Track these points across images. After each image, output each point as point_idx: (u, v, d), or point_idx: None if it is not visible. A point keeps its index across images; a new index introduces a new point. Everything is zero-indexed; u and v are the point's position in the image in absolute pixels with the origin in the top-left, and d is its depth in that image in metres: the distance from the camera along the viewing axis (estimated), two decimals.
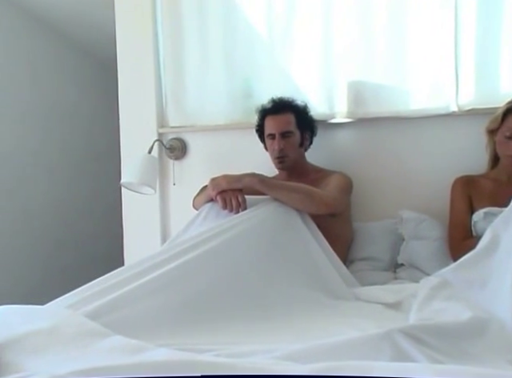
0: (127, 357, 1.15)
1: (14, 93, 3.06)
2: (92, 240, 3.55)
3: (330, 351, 1.13)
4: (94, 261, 3.52)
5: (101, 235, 3.59)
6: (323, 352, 1.13)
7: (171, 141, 2.47)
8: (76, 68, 3.48)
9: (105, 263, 3.63)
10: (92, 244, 3.54)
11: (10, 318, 1.30)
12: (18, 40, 3.07)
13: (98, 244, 3.58)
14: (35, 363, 1.12)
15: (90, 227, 3.55)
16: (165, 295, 1.44)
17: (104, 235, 3.59)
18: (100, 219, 3.61)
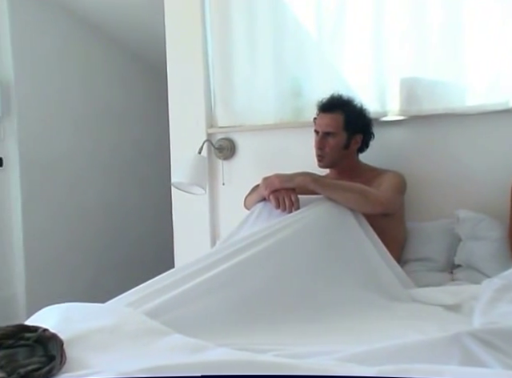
0: (188, 356, 1.16)
1: (70, 97, 3.15)
2: (142, 240, 3.61)
3: (395, 354, 1.10)
4: (143, 260, 3.58)
5: (150, 234, 3.65)
6: (388, 355, 1.10)
7: (220, 141, 2.49)
8: (126, 71, 3.55)
9: (154, 262, 3.70)
10: (142, 244, 3.60)
11: (72, 315, 1.33)
12: (71, 45, 3.16)
13: (148, 244, 3.64)
14: (99, 360, 1.14)
15: (140, 227, 3.61)
16: (221, 295, 1.45)
17: (153, 234, 3.64)
18: (150, 219, 3.67)
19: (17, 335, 1.19)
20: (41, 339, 1.15)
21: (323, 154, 2.05)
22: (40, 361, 1.03)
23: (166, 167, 3.61)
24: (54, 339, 1.15)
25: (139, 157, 3.63)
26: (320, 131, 2.04)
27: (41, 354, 1.12)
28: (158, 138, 3.77)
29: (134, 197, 3.59)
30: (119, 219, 3.48)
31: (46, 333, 1.17)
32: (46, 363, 1.02)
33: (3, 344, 1.14)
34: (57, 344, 1.14)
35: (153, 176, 3.65)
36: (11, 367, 0.99)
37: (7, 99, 2.81)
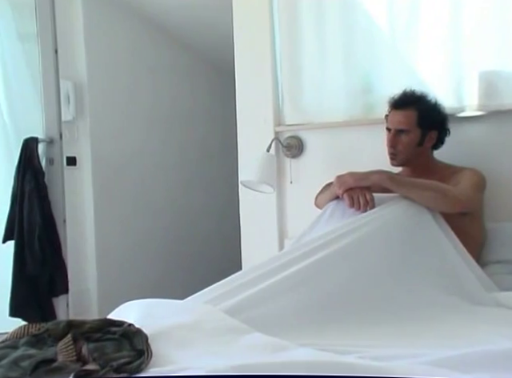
0: (270, 355, 1.15)
1: (139, 98, 3.23)
2: (208, 238, 3.66)
3: (488, 361, 1.05)
4: (209, 258, 3.62)
5: (216, 233, 3.69)
6: (480, 361, 1.05)
7: (288, 139, 2.47)
8: (192, 72, 3.60)
9: (220, 260, 3.75)
10: (207, 242, 3.65)
11: (153, 310, 1.35)
12: (141, 47, 3.24)
13: (213, 242, 3.68)
14: (181, 356, 1.15)
15: (206, 226, 3.66)
16: (298, 294, 1.43)
17: (219, 233, 3.69)
18: (215, 218, 3.71)
19: (103, 328, 1.22)
20: (127, 334, 1.18)
21: (396, 152, 1.99)
22: (129, 355, 1.04)
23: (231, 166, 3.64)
24: (139, 334, 1.17)
25: (205, 156, 3.67)
26: (392, 129, 1.99)
27: (128, 348, 1.14)
28: (223, 137, 3.81)
29: (200, 196, 3.64)
30: (186, 218, 3.54)
31: (132, 328, 1.19)
32: (136, 358, 1.04)
33: (91, 338, 1.17)
34: (142, 339, 1.16)
35: (218, 175, 3.69)
36: (103, 360, 1.01)
37: (81, 100, 2.91)
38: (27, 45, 2.62)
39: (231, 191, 3.71)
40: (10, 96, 2.60)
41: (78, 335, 1.14)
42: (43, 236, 2.36)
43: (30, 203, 2.35)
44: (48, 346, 1.16)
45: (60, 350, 1.09)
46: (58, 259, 2.44)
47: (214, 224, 3.72)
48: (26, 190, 2.36)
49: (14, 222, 2.35)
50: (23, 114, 2.66)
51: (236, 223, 3.39)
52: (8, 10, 2.55)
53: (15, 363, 0.99)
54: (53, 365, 0.99)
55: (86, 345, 1.09)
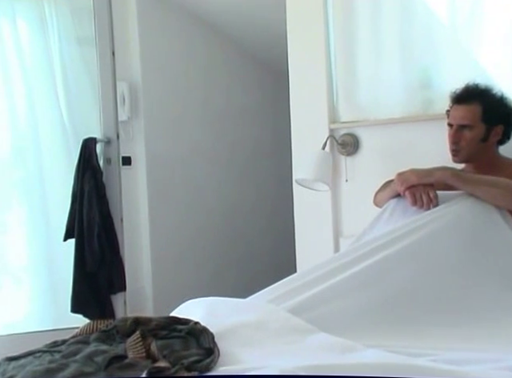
0: (338, 356, 1.13)
1: (192, 98, 3.25)
2: (260, 237, 3.66)
3: None
4: (263, 256, 3.62)
5: (268, 231, 3.68)
6: None
7: (343, 136, 2.43)
8: (244, 71, 3.60)
9: (273, 258, 3.74)
10: (259, 241, 3.65)
11: (217, 309, 1.36)
12: (193, 47, 3.26)
13: (265, 241, 3.67)
14: (248, 355, 1.15)
15: (259, 224, 3.66)
16: (362, 294, 1.40)
17: (271, 231, 3.68)
18: (268, 216, 3.70)
19: (169, 326, 1.23)
20: (193, 332, 1.18)
21: (458, 149, 1.92)
22: (198, 353, 1.04)
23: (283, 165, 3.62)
24: (206, 333, 1.17)
25: (256, 155, 3.67)
26: (454, 124, 1.92)
27: (195, 346, 1.14)
28: (275, 136, 3.80)
29: (251, 194, 3.64)
30: (237, 216, 3.55)
31: (198, 326, 1.19)
32: (205, 356, 1.03)
33: (158, 335, 1.18)
34: (208, 337, 1.16)
35: (269, 174, 3.68)
36: (174, 358, 1.01)
37: (135, 101, 2.95)
38: (85, 48, 2.68)
39: (282, 190, 3.70)
40: (69, 98, 2.67)
41: (145, 333, 1.15)
42: (102, 235, 2.41)
43: (89, 202, 2.41)
44: (117, 342, 1.18)
45: (129, 346, 1.10)
46: (115, 257, 2.49)
47: (264, 223, 3.71)
48: (86, 189, 2.42)
49: (74, 220, 2.42)
50: (81, 115, 2.72)
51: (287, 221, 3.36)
52: (67, 15, 2.62)
53: (89, 358, 1.00)
54: (125, 361, 1.01)
55: (155, 342, 1.10)
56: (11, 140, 2.56)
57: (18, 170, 2.58)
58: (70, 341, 1.17)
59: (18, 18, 2.51)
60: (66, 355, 1.04)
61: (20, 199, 2.58)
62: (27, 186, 2.58)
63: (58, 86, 2.64)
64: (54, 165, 2.64)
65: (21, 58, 2.52)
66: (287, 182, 2.92)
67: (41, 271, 2.59)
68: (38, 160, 2.60)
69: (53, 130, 2.64)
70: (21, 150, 2.56)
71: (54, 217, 2.61)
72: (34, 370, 0.97)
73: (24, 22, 2.54)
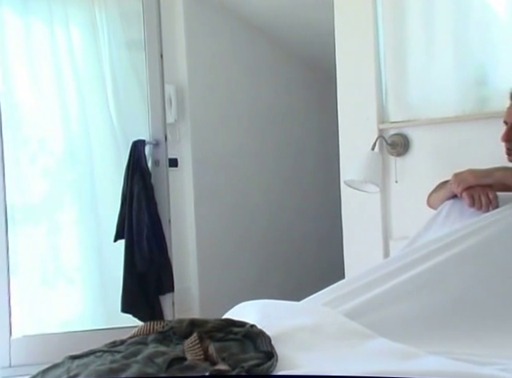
0: (399, 363, 1.09)
1: (237, 99, 3.27)
2: (304, 239, 3.63)
3: None
4: (306, 259, 3.59)
5: (312, 234, 3.65)
6: None
7: (392, 137, 2.38)
8: (289, 72, 3.59)
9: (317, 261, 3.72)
10: (304, 243, 3.62)
11: (271, 312, 1.34)
12: (239, 48, 3.27)
13: (310, 243, 3.65)
14: (306, 359, 1.12)
15: (302, 226, 3.63)
16: (421, 298, 1.36)
17: (315, 233, 3.65)
18: (311, 219, 3.67)
19: (225, 328, 1.22)
20: (249, 335, 1.17)
21: None
22: (258, 357, 1.03)
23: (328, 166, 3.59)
24: (262, 336, 1.16)
25: (301, 156, 3.65)
26: (509, 122, 1.85)
27: (251, 349, 1.13)
28: (320, 136, 3.78)
29: (296, 196, 3.63)
30: (282, 218, 3.54)
31: (254, 329, 1.18)
32: (264, 360, 1.02)
33: (214, 337, 1.18)
34: (265, 341, 1.14)
35: (314, 175, 3.65)
36: (233, 361, 1.00)
37: (182, 103, 2.98)
38: (133, 51, 2.72)
39: (327, 191, 3.67)
40: (118, 101, 2.71)
41: (202, 335, 1.14)
42: (151, 236, 2.44)
43: (138, 203, 2.44)
44: (174, 344, 1.18)
45: (187, 348, 1.10)
46: (164, 258, 2.51)
47: (310, 225, 3.69)
48: (135, 191, 2.45)
49: (124, 222, 2.45)
50: (130, 117, 2.76)
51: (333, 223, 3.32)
52: (117, 19, 2.67)
53: (150, 359, 1.00)
54: (185, 363, 1.00)
55: (212, 345, 1.09)
56: (64, 142, 2.62)
57: (70, 171, 2.64)
58: (128, 342, 1.17)
59: (70, 24, 2.57)
60: (126, 356, 1.05)
61: (72, 200, 2.64)
62: (79, 188, 2.64)
63: (108, 90, 2.69)
64: (103, 167, 2.69)
65: (73, 62, 2.58)
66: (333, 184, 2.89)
67: (92, 271, 2.64)
68: (89, 162, 2.65)
69: (103, 133, 2.69)
70: (73, 152, 2.62)
71: (104, 218, 2.66)
72: (97, 369, 0.98)
73: (76, 28, 2.60)
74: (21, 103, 2.53)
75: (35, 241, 2.57)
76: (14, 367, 2.41)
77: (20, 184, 2.52)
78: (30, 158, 2.55)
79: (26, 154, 2.54)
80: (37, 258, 2.56)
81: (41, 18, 2.52)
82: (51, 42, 2.54)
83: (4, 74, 2.46)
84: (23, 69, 2.53)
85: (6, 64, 2.48)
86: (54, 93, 2.57)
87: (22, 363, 2.42)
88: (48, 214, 2.59)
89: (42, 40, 2.53)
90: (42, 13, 2.51)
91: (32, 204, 2.55)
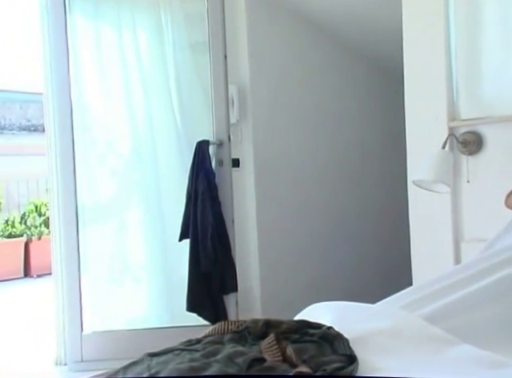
0: (486, 372, 1.04)
1: (298, 100, 3.24)
2: (365, 239, 3.56)
3: None
4: (369, 261, 3.52)
5: (375, 235, 3.57)
6: None
7: (464, 135, 2.28)
8: (351, 70, 3.53)
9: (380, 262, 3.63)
10: (366, 244, 3.55)
11: (346, 314, 1.31)
12: (299, 48, 3.25)
13: (373, 245, 3.57)
14: (386, 364, 1.09)
15: (365, 227, 3.56)
16: (506, 304, 1.29)
17: (378, 235, 3.57)
18: (374, 220, 3.60)
19: (300, 330, 1.20)
20: (326, 337, 1.14)
21: None
22: (339, 360, 1.01)
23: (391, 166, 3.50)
24: (340, 338, 1.13)
25: (364, 156, 3.58)
26: None
27: (329, 352, 1.11)
28: (383, 136, 3.69)
29: (359, 196, 3.56)
30: (344, 219, 3.48)
31: (331, 331, 1.16)
32: (346, 363, 0.99)
33: (290, 338, 1.16)
34: (343, 343, 1.12)
35: (377, 175, 3.57)
36: (314, 363, 0.98)
37: (244, 103, 2.98)
38: (197, 53, 2.76)
39: (391, 192, 3.57)
40: (182, 102, 2.75)
41: (279, 335, 1.13)
42: (215, 236, 2.45)
43: (202, 203, 2.46)
44: (249, 344, 1.17)
45: (264, 349, 1.09)
46: (228, 258, 2.52)
47: (373, 227, 3.61)
48: (200, 190, 2.47)
49: (189, 221, 2.48)
50: (193, 118, 2.80)
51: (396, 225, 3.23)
52: (181, 22, 2.71)
53: (230, 359, 1.00)
54: (265, 365, 0.99)
55: (290, 346, 1.08)
56: (131, 144, 2.69)
57: (136, 172, 2.70)
58: (204, 341, 1.17)
59: (137, 28, 2.63)
60: (205, 355, 1.05)
61: (138, 200, 2.70)
62: (144, 188, 2.70)
63: (172, 91, 2.73)
64: (168, 167, 2.74)
65: (139, 65, 2.64)
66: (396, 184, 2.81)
67: (157, 271, 2.69)
68: (154, 163, 2.70)
69: (167, 134, 2.73)
70: (139, 153, 2.68)
71: (168, 217, 2.70)
72: (178, 368, 0.98)
73: (143, 32, 2.66)
74: (90, 106, 2.61)
75: (104, 240, 2.64)
76: (85, 361, 2.49)
77: (89, 185, 2.61)
78: (98, 160, 2.63)
79: (95, 156, 2.62)
80: (105, 257, 2.63)
81: (110, 23, 2.59)
82: (119, 45, 2.62)
83: (76, 78, 2.55)
84: (93, 72, 2.61)
85: (78, 68, 2.57)
86: (121, 95, 2.64)
87: (92, 358, 2.49)
88: (116, 214, 2.66)
89: (111, 44, 2.61)
90: (111, 18, 2.59)
91: (100, 204, 2.63)
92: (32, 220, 6.16)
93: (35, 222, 6.16)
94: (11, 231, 6.06)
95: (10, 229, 6.07)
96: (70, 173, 2.52)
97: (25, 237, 6.01)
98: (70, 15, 2.52)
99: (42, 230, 6.10)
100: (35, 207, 6.24)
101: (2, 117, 8.78)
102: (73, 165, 2.53)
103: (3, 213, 6.23)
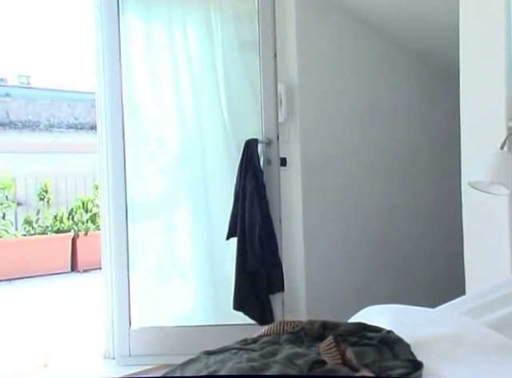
0: None
1: (347, 98, 3.19)
2: (412, 242, 3.48)
3: None
4: (416, 265, 3.44)
5: (423, 238, 3.49)
6: None
7: None
8: (400, 68, 3.46)
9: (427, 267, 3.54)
10: (412, 246, 3.47)
11: (404, 318, 1.27)
12: (349, 46, 3.20)
13: (420, 248, 3.48)
14: (450, 371, 1.05)
15: (412, 230, 3.48)
16: None
17: (426, 238, 3.48)
18: (422, 222, 3.51)
19: (359, 332, 1.17)
20: (386, 341, 1.11)
21: None
22: (403, 365, 0.97)
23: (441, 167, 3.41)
24: (401, 343, 1.10)
25: (412, 157, 3.50)
26: None
27: (389, 356, 1.07)
28: (433, 136, 3.60)
29: (406, 198, 3.48)
30: (392, 221, 3.41)
31: (392, 335, 1.12)
32: (411, 369, 0.96)
33: (347, 341, 1.14)
34: (404, 348, 1.08)
35: (425, 176, 3.49)
36: (377, 368, 0.96)
37: (292, 102, 2.96)
38: (245, 52, 2.75)
39: (441, 194, 3.48)
40: (230, 101, 2.75)
41: (338, 338, 1.10)
42: (263, 234, 2.44)
43: (250, 201, 2.46)
44: (306, 345, 1.15)
45: (323, 351, 1.07)
46: (275, 257, 2.51)
47: (421, 228, 3.52)
48: (248, 189, 2.47)
49: (237, 220, 2.48)
50: (240, 117, 2.80)
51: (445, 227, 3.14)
52: (230, 21, 2.71)
53: (290, 360, 0.98)
54: (326, 367, 0.97)
55: (350, 349, 1.05)
56: (180, 142, 2.71)
57: (184, 169, 2.72)
58: (261, 341, 1.16)
59: (188, 27, 2.65)
60: (264, 355, 1.04)
61: (186, 198, 2.72)
62: (192, 186, 2.71)
63: (221, 90, 2.74)
64: (215, 165, 2.75)
65: (189, 64, 2.66)
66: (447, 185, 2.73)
67: (204, 268, 2.70)
68: (202, 161, 2.71)
69: (215, 132, 2.74)
70: (188, 151, 2.70)
71: (216, 216, 2.71)
72: (238, 367, 0.97)
73: (193, 31, 2.68)
74: (141, 104, 2.65)
75: (152, 237, 2.67)
76: (133, 356, 2.53)
77: (139, 182, 2.64)
78: (149, 157, 2.66)
79: (145, 153, 2.65)
80: (153, 253, 2.66)
81: (161, 23, 2.62)
82: (170, 45, 2.64)
83: (127, 77, 2.59)
84: (144, 71, 2.64)
85: (130, 67, 2.61)
86: (171, 93, 2.67)
87: (139, 353, 2.53)
88: (164, 211, 2.69)
89: (162, 43, 2.63)
90: (162, 17, 2.62)
91: (149, 201, 2.66)
92: (79, 216, 6.33)
93: (82, 218, 6.32)
94: (59, 227, 6.24)
95: (59, 224, 6.25)
96: (121, 170, 2.56)
97: (72, 232, 6.18)
98: (122, 15, 2.56)
99: (89, 226, 6.26)
100: (82, 203, 6.41)
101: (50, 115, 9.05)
102: (123, 162, 2.57)
103: (52, 209, 6.41)
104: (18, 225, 6.38)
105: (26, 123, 8.72)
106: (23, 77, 9.80)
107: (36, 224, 6.23)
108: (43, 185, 6.42)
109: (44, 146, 8.47)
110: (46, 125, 8.89)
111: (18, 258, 5.72)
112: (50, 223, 6.25)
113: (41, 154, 8.08)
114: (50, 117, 9.01)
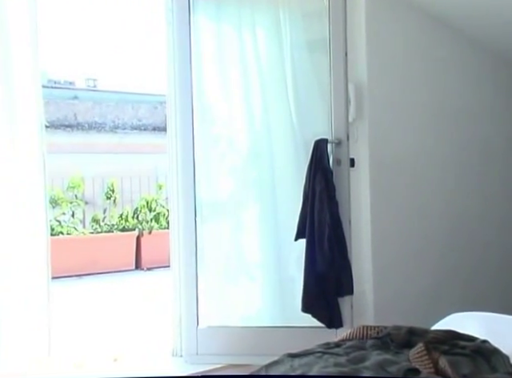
0: None
1: (417, 98, 3.10)
2: (484, 246, 3.33)
3: None
4: (488, 271, 3.29)
5: (495, 243, 3.34)
6: None
7: None
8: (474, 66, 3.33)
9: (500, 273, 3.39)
10: (484, 250, 3.32)
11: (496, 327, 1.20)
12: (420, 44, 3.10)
13: (493, 253, 3.33)
14: None
15: (485, 235, 3.34)
16: None
17: (499, 243, 3.33)
18: (494, 227, 3.36)
19: (449, 341, 1.12)
20: (481, 351, 1.05)
21: None
22: None
23: None
24: (499, 354, 1.04)
25: (485, 158, 3.36)
26: None
27: (486, 368, 1.02)
28: (508, 136, 3.43)
29: (479, 201, 3.34)
30: (463, 225, 3.28)
31: (487, 345, 1.07)
32: None
33: (438, 349, 1.08)
34: (503, 359, 1.02)
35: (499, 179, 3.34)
36: None
37: (360, 102, 2.90)
38: (313, 51, 2.72)
39: None
40: (298, 101, 2.73)
41: (429, 345, 1.06)
42: (332, 236, 2.40)
43: (320, 202, 2.42)
44: (393, 352, 1.11)
45: (414, 359, 1.03)
46: (344, 259, 2.46)
47: (493, 232, 3.37)
48: (317, 190, 2.43)
49: (306, 221, 2.45)
50: (308, 117, 2.77)
51: None
52: (299, 20, 2.68)
53: (381, 367, 0.95)
54: (420, 376, 0.93)
55: (444, 358, 1.00)
56: (248, 142, 2.71)
57: (253, 169, 2.71)
58: (344, 345, 1.13)
59: (257, 27, 2.65)
60: (351, 361, 1.01)
61: (254, 199, 2.72)
62: (261, 186, 2.71)
63: (289, 90, 2.72)
64: (283, 166, 2.73)
65: (258, 64, 2.65)
66: None
67: (271, 269, 2.69)
68: (271, 161, 2.70)
69: (283, 132, 2.73)
70: (256, 151, 2.70)
71: (283, 216, 2.69)
72: (328, 371, 0.95)
73: (262, 31, 2.68)
74: (211, 104, 2.67)
75: (220, 236, 2.69)
76: (200, 354, 2.55)
77: (208, 182, 2.66)
78: (218, 157, 2.68)
79: (215, 154, 2.67)
80: (221, 253, 2.67)
81: (231, 23, 2.63)
82: (239, 45, 2.65)
83: (197, 77, 2.62)
84: (213, 72, 2.66)
85: (200, 68, 2.63)
86: (240, 94, 2.67)
87: (207, 351, 2.54)
88: (232, 211, 2.70)
89: (231, 43, 2.64)
90: (232, 18, 2.63)
91: (218, 201, 2.68)
92: (143, 215, 6.49)
93: (146, 217, 6.48)
94: (125, 225, 6.42)
95: (124, 223, 6.44)
96: (190, 171, 2.59)
97: (136, 231, 6.34)
98: (193, 16, 2.59)
99: (153, 224, 6.40)
100: (146, 202, 6.57)
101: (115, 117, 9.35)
102: (192, 163, 2.59)
103: (118, 207, 6.62)
104: (86, 223, 6.63)
105: (93, 125, 9.06)
106: (90, 80, 10.19)
107: (103, 222, 6.44)
108: (110, 184, 6.64)
109: (109, 146, 8.77)
110: (111, 126, 9.20)
111: (85, 255, 5.94)
112: (115, 222, 6.46)
113: (106, 155, 8.37)
114: (115, 118, 9.32)
